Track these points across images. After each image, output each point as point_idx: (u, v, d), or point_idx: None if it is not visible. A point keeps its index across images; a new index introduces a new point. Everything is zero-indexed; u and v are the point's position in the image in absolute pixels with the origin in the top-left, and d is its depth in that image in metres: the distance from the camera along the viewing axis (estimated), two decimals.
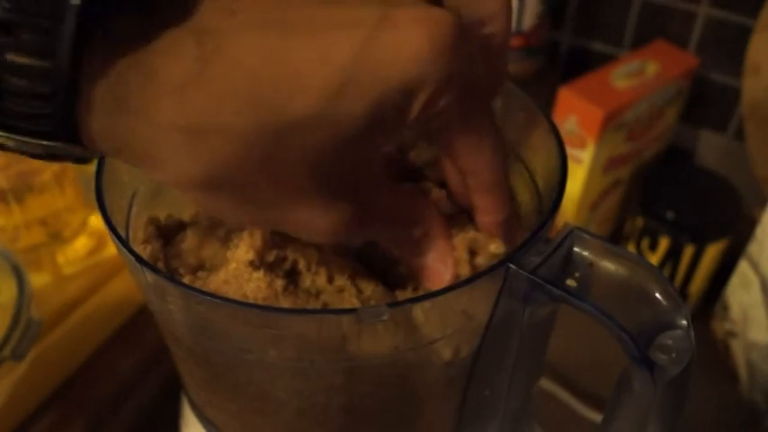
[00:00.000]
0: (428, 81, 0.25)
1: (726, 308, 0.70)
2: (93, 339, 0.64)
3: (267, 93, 0.24)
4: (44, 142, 0.24)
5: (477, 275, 0.28)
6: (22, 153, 0.26)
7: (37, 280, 0.60)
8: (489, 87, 0.32)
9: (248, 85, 0.24)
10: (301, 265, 0.31)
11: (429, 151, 0.39)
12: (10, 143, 0.25)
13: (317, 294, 0.31)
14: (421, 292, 0.32)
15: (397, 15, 0.25)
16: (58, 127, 0.24)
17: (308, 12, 0.25)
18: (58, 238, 0.65)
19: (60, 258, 0.66)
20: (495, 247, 0.31)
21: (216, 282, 0.31)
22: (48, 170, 0.62)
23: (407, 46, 0.24)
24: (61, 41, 0.23)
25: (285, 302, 0.30)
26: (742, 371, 0.67)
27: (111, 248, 0.68)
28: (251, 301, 0.30)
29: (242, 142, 0.24)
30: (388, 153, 0.39)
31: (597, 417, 0.63)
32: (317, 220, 0.27)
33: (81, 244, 0.67)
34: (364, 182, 0.28)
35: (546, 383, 0.65)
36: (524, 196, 0.40)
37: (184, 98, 0.24)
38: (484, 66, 0.33)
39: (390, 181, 0.31)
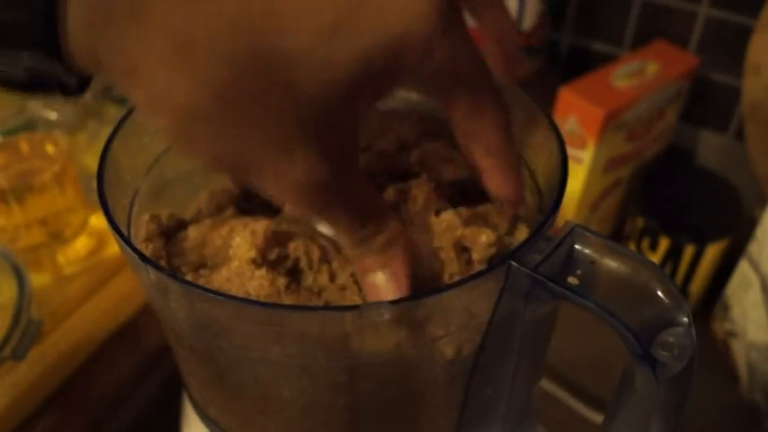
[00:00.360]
0: (420, 34, 0.25)
1: (726, 308, 0.70)
2: (94, 339, 0.63)
3: (259, 22, 0.23)
4: (22, 56, 0.23)
5: (478, 273, 0.28)
6: (4, 79, 0.25)
7: (37, 280, 0.59)
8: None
9: (242, 11, 0.23)
10: (303, 263, 0.31)
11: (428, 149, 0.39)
12: None
13: (320, 292, 0.31)
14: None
15: None
16: (37, 34, 0.23)
17: None
18: (58, 238, 0.65)
19: (60, 258, 0.66)
20: (486, 237, 0.31)
21: (218, 280, 0.31)
22: (48, 170, 0.62)
23: None
24: None
25: (287, 300, 0.30)
26: (742, 371, 0.67)
27: (112, 248, 0.67)
28: (253, 298, 0.30)
29: (229, 66, 0.23)
30: (387, 150, 0.39)
31: (598, 418, 0.63)
32: (290, 172, 0.25)
33: (81, 244, 0.67)
34: (344, 147, 0.27)
35: (547, 384, 0.65)
36: (526, 195, 0.40)
37: (175, 13, 0.23)
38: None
39: (368, 177, 0.31)
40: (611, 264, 0.29)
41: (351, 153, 0.28)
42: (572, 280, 0.29)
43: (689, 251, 0.70)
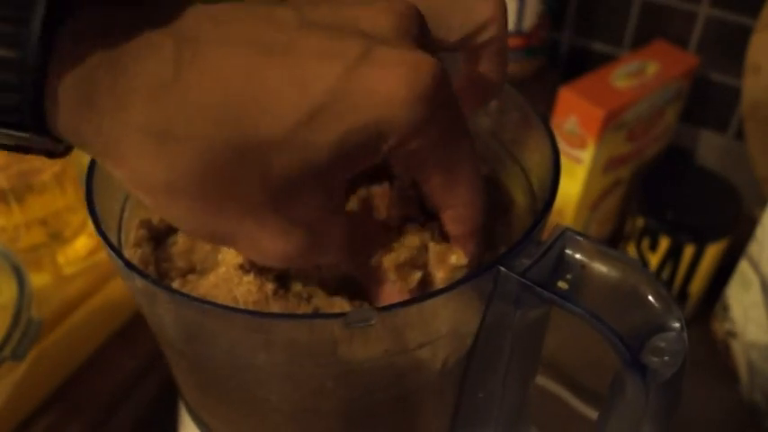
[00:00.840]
0: (400, 124, 0.25)
1: (726, 308, 0.69)
2: (93, 339, 0.64)
3: (239, 109, 0.24)
4: (12, 133, 0.24)
5: (466, 278, 0.28)
6: None
7: (37, 280, 0.59)
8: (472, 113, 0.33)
9: (222, 99, 0.24)
10: (292, 268, 0.31)
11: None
12: None
13: (309, 298, 0.31)
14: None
15: (380, 54, 0.25)
16: (25, 118, 0.24)
17: (293, 35, 0.25)
18: (58, 238, 0.65)
19: (60, 258, 0.66)
20: (457, 259, 0.31)
21: (206, 285, 0.31)
22: (48, 170, 0.62)
23: (384, 86, 0.24)
24: (30, 31, 0.22)
25: (275, 306, 0.30)
26: (742, 371, 0.67)
27: None
28: (241, 304, 0.29)
29: (208, 153, 0.24)
30: None
31: (596, 415, 0.63)
32: (268, 243, 0.27)
33: (81, 244, 0.67)
34: (322, 212, 0.27)
35: (545, 381, 0.65)
36: (519, 196, 0.40)
37: (156, 102, 0.24)
38: (485, 69, 0.33)
39: (344, 209, 0.31)
40: (601, 268, 0.29)
41: (330, 212, 0.28)
42: (562, 285, 0.28)
43: (689, 251, 0.70)
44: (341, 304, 0.30)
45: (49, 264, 0.65)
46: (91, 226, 0.67)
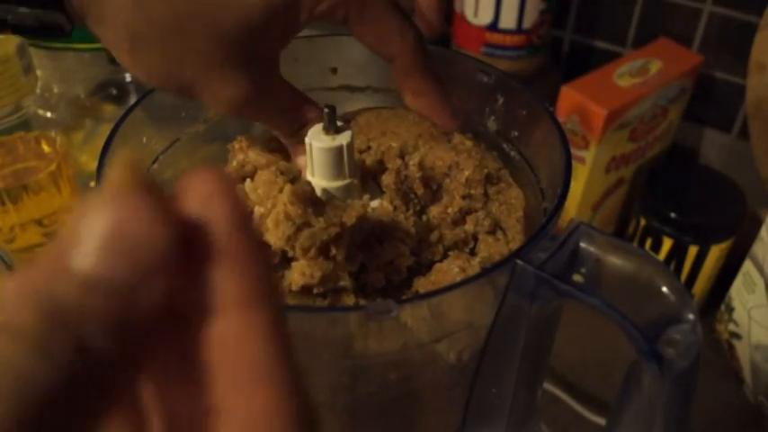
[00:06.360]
0: None
1: (730, 309, 0.69)
2: None
3: None
4: (39, 10, 0.33)
5: (484, 272, 0.28)
6: (18, 26, 0.34)
7: None
8: None
9: None
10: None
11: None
12: (8, 16, 0.33)
13: (324, 296, 0.30)
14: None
15: None
16: None
17: None
18: (54, 238, 0.64)
19: None
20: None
21: None
22: (44, 170, 0.62)
23: None
24: None
25: (291, 302, 0.30)
26: (746, 372, 0.67)
27: None
28: None
29: (170, 11, 0.32)
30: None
31: (600, 420, 0.63)
32: (222, 90, 0.34)
33: None
34: (264, 69, 0.36)
35: (548, 386, 0.65)
36: (528, 193, 0.39)
37: None
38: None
39: (287, 85, 0.38)
40: (615, 261, 0.29)
41: (270, 73, 0.37)
42: (577, 278, 0.28)
43: (692, 252, 0.69)
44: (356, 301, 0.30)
45: None
46: None
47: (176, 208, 0.17)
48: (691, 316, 0.28)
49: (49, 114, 0.68)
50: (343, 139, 0.34)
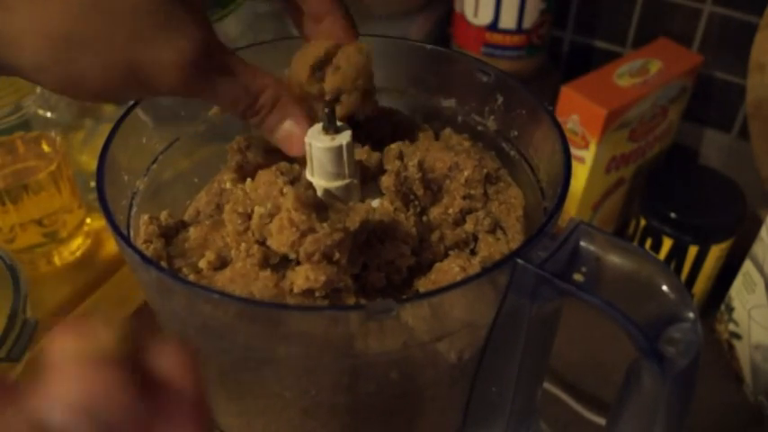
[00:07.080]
0: None
1: (730, 309, 0.69)
2: None
3: None
4: None
5: (484, 271, 0.28)
6: None
7: (33, 280, 0.59)
8: None
9: None
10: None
11: None
12: None
13: (324, 297, 0.30)
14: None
15: None
16: None
17: None
18: (54, 238, 0.65)
19: (56, 259, 0.65)
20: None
21: (222, 280, 0.30)
22: (44, 170, 0.62)
23: None
24: None
25: (292, 302, 0.30)
26: (746, 372, 0.67)
27: (108, 249, 0.67)
28: (258, 299, 0.29)
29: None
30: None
31: (600, 420, 0.63)
32: (162, 56, 0.32)
33: (77, 244, 0.67)
34: (198, 29, 0.33)
35: (549, 387, 0.65)
36: (527, 193, 0.39)
37: None
38: None
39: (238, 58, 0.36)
40: (615, 260, 0.29)
41: (206, 34, 0.34)
42: (577, 277, 0.28)
43: (692, 252, 0.69)
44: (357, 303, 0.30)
45: (45, 264, 0.65)
46: (87, 226, 0.67)
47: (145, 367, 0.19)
48: (691, 315, 0.28)
49: (49, 114, 0.68)
50: (343, 138, 0.34)
